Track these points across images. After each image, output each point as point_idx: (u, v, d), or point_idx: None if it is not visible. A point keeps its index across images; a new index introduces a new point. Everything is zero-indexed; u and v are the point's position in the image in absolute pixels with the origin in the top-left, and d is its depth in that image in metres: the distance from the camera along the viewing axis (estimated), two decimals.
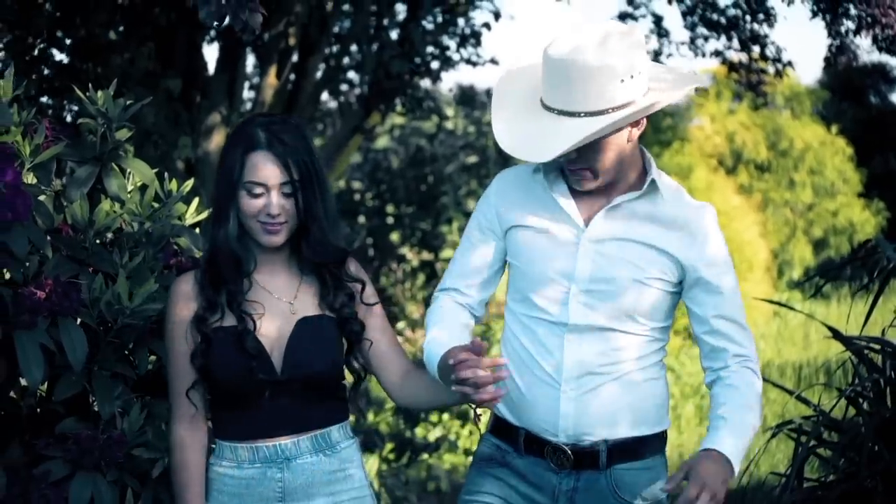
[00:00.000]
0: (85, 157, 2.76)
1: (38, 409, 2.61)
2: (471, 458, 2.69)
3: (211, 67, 6.82)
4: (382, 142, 13.63)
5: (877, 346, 3.78)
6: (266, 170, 2.48)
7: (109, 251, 2.68)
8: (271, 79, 7.06)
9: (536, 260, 2.59)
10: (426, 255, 12.06)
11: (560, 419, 2.56)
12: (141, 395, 2.60)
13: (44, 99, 6.08)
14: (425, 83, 8.04)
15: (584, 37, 2.47)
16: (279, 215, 2.50)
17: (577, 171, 2.53)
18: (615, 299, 2.54)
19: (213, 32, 6.66)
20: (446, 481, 5.90)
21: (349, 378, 2.68)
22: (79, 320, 2.47)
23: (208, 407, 2.53)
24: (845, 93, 17.47)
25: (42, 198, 2.61)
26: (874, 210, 15.76)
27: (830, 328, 3.98)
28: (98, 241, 2.65)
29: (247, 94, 8.29)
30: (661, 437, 2.65)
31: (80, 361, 2.36)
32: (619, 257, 2.55)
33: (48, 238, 2.47)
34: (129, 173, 2.87)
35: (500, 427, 2.67)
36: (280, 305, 2.55)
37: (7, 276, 2.47)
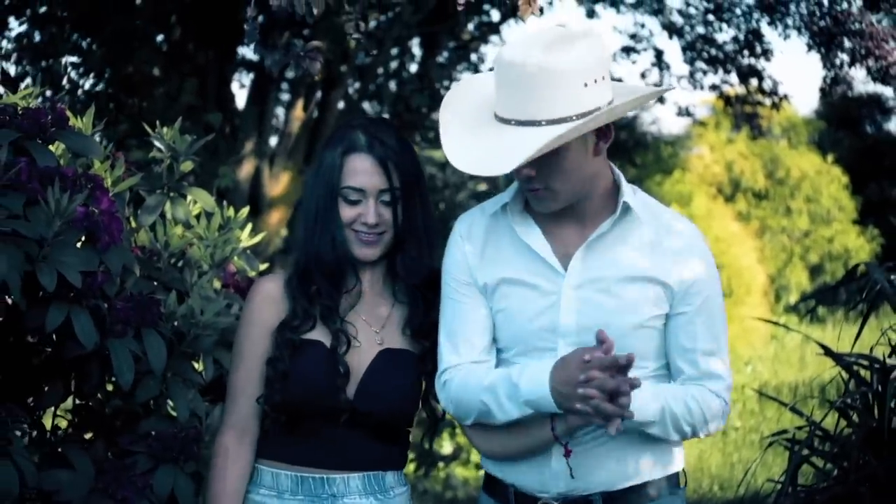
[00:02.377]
0: (154, 186, 3.09)
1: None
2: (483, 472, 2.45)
3: (238, 101, 7.22)
4: None
5: (865, 363, 4.08)
6: (365, 175, 2.29)
7: (179, 271, 3.01)
8: (298, 111, 7.40)
9: (515, 317, 2.30)
10: None
11: (549, 478, 2.31)
12: (210, 400, 2.91)
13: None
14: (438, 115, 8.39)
15: (541, 38, 2.17)
16: (377, 225, 2.32)
17: (536, 190, 2.24)
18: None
19: (245, 70, 7.08)
20: (463, 491, 6.13)
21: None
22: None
23: (261, 422, 2.41)
24: (841, 122, 17.84)
25: None
26: (869, 236, 16.11)
27: (822, 346, 4.29)
28: (170, 262, 2.99)
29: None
30: (670, 479, 2.37)
31: (161, 367, 2.68)
32: (608, 302, 2.26)
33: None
34: (191, 200, 3.21)
35: (489, 483, 2.43)
36: (366, 330, 2.39)
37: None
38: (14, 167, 2.43)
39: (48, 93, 3.08)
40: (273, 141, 7.82)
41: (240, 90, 16.61)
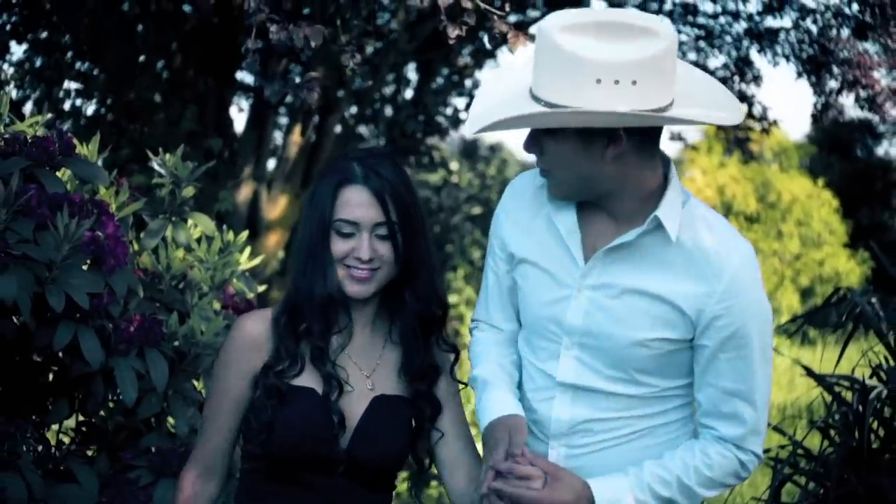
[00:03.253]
0: (157, 211, 3.21)
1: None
2: None
3: (237, 125, 7.36)
4: None
5: (846, 384, 4.19)
6: (359, 207, 2.17)
7: (181, 292, 3.12)
8: (296, 136, 7.53)
9: (531, 299, 2.24)
10: None
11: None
12: None
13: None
14: (433, 140, 8.55)
15: (587, 18, 1.99)
16: (371, 260, 2.18)
17: (543, 173, 2.15)
18: (610, 359, 2.15)
19: (244, 95, 7.23)
20: None
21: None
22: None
23: (228, 466, 2.28)
24: (833, 147, 18.02)
25: None
26: (859, 260, 16.25)
27: (805, 367, 4.40)
28: (172, 284, 3.10)
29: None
30: None
31: (163, 385, 2.79)
32: (616, 312, 2.13)
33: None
34: (191, 224, 3.32)
35: None
36: (357, 375, 2.25)
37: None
38: (24, 194, 2.55)
39: (55, 120, 3.19)
40: (271, 165, 7.97)
41: (238, 114, 16.78)
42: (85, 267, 2.65)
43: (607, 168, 2.06)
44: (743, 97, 8.75)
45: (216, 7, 5.54)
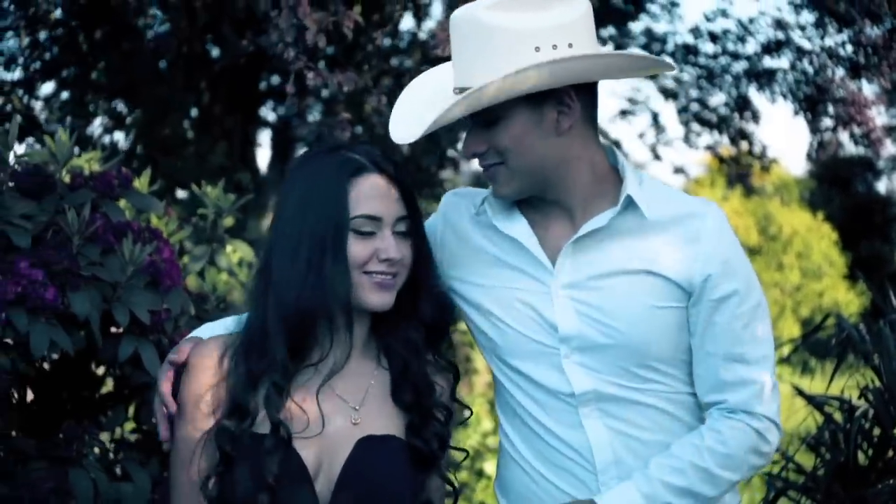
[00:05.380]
0: (201, 238, 3.53)
1: None
2: None
3: (260, 158, 7.74)
4: None
5: (836, 403, 4.47)
6: (380, 200, 1.80)
7: (224, 312, 3.43)
8: None
9: (504, 321, 2.05)
10: None
11: None
12: None
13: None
14: (447, 173, 8.85)
15: None
16: (399, 261, 1.83)
17: (487, 168, 2.00)
18: (610, 355, 2.00)
19: (269, 130, 7.60)
20: None
21: None
22: None
23: None
24: (833, 181, 18.34)
25: None
26: (858, 291, 16.52)
27: (797, 388, 4.67)
28: (217, 305, 3.41)
29: None
30: None
31: None
32: (602, 300, 1.99)
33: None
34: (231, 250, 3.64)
35: None
36: (341, 409, 1.86)
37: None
38: (93, 223, 2.87)
39: (109, 156, 3.53)
40: None
41: (259, 149, 17.26)
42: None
43: (562, 144, 1.96)
44: (743, 135, 8.99)
45: (240, 49, 5.90)
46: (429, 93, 2.02)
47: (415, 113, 1.98)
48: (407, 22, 6.44)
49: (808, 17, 7.81)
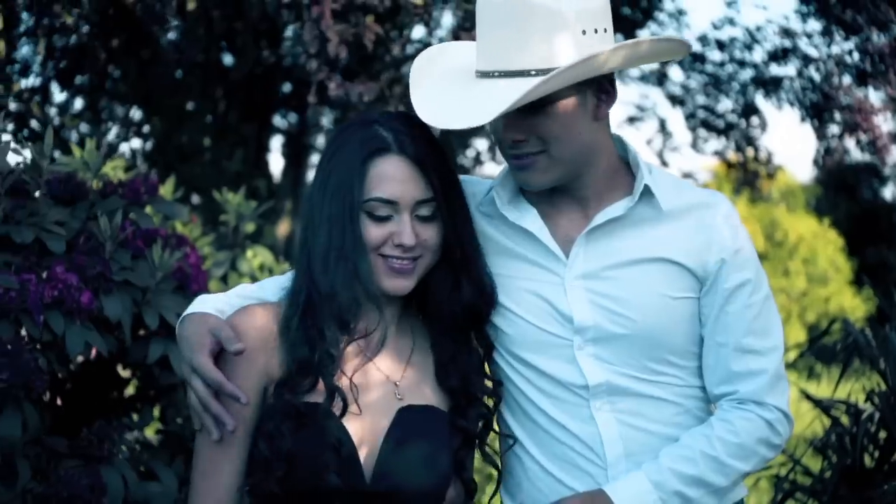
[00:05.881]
0: (223, 244, 3.62)
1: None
2: None
3: (273, 164, 7.87)
4: None
5: (842, 407, 4.54)
6: (397, 182, 1.76)
7: None
8: None
9: (515, 312, 2.02)
10: None
11: None
12: None
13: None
14: None
15: None
16: (414, 247, 1.79)
17: (524, 158, 1.93)
18: (625, 347, 1.99)
19: (283, 137, 7.71)
20: None
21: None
22: None
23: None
24: (839, 188, 18.39)
25: None
26: (864, 297, 16.56)
27: (804, 392, 4.75)
28: None
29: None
30: None
31: None
32: (625, 288, 1.99)
33: None
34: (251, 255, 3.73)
35: None
36: (383, 384, 1.88)
37: None
38: (123, 229, 2.96)
39: (133, 164, 3.63)
40: None
41: (271, 155, 17.41)
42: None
43: (594, 131, 1.96)
44: (749, 141, 9.11)
45: (256, 59, 6.00)
46: (449, 73, 1.97)
47: (440, 98, 1.91)
48: (418, 31, 6.57)
49: (814, 25, 7.89)
